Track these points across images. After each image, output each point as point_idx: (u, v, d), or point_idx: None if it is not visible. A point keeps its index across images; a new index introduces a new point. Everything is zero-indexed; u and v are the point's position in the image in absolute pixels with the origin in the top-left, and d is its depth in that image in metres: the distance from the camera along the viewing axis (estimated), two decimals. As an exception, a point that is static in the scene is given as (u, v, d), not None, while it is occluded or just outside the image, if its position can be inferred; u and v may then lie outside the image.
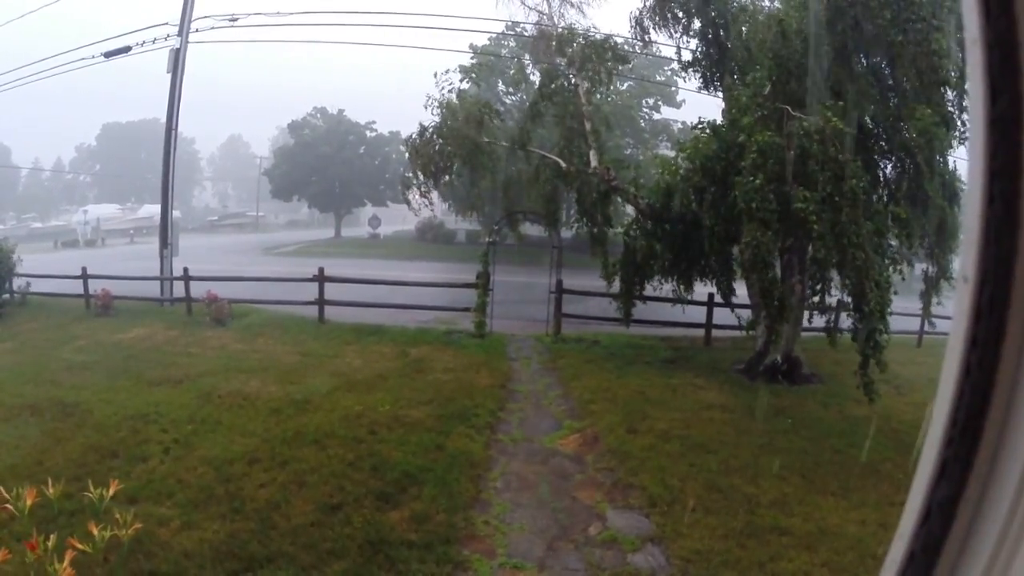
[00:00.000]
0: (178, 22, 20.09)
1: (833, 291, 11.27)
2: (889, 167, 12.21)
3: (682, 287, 13.92)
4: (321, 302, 16.88)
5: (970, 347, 0.90)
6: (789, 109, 10.55)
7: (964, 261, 0.90)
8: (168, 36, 20.14)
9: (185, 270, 18.16)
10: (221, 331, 15.52)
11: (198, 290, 17.59)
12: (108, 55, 21.20)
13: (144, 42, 20.63)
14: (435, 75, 19.59)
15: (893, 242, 11.11)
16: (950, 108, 11.28)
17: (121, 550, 4.82)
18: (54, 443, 8.05)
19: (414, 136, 17.76)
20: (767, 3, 14.24)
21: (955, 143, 11.39)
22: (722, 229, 11.76)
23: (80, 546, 4.17)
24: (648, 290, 14.40)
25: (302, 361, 12.76)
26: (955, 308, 0.94)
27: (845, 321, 11.69)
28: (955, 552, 0.94)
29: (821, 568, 5.75)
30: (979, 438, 0.90)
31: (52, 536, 4.25)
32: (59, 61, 22.01)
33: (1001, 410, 0.89)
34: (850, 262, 9.98)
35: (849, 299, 10.53)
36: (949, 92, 11.14)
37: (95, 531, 4.37)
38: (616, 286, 14.38)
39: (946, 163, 11.53)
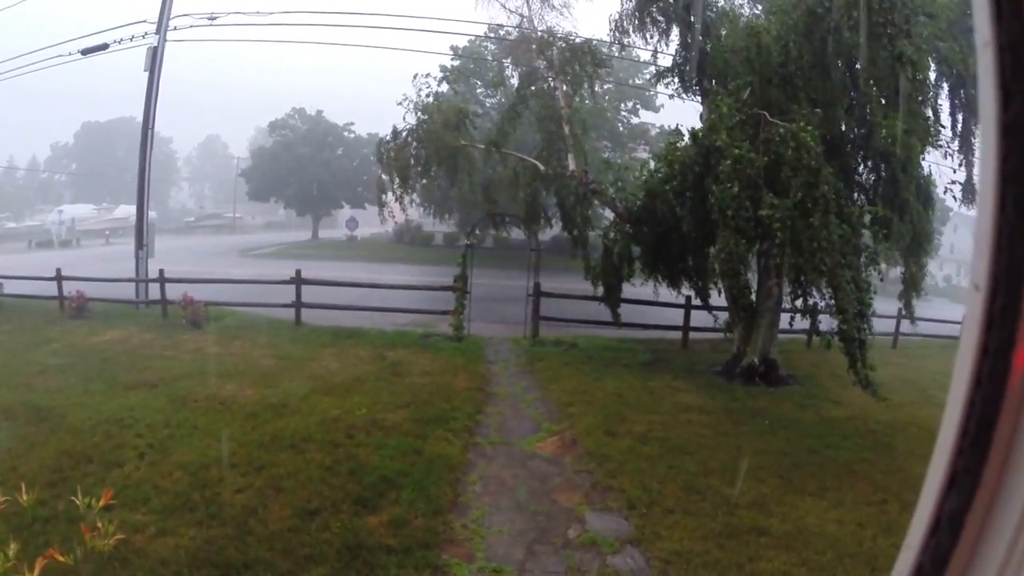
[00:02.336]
0: (156, 20, 19.85)
1: (813, 293, 11.35)
2: (865, 172, 12.33)
3: (670, 288, 14.02)
4: (298, 305, 16.74)
5: (981, 356, 0.88)
6: (767, 115, 10.62)
7: (975, 268, 0.89)
8: (146, 34, 19.88)
9: (161, 272, 17.92)
10: (197, 334, 15.33)
11: (174, 292, 17.32)
12: (85, 52, 20.89)
13: (122, 40, 20.36)
14: (414, 77, 19.60)
15: (870, 243, 11.20)
16: (924, 117, 11.43)
17: (99, 559, 4.73)
18: (27, 448, 7.87)
19: (386, 139, 17.67)
20: (746, 11, 14.36)
21: (929, 149, 11.55)
22: (699, 233, 11.83)
23: (62, 558, 4.06)
24: (627, 292, 14.47)
25: (279, 364, 12.62)
26: (966, 316, 0.92)
27: (827, 323, 11.79)
28: (963, 564, 0.93)
29: (800, 568, 5.80)
30: (989, 449, 0.89)
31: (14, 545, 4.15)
32: (35, 58, 21.63)
33: (1011, 420, 0.87)
34: (817, 267, 10.08)
35: (831, 301, 10.62)
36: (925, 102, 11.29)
37: (76, 541, 4.27)
38: (600, 289, 14.45)
39: (920, 168, 11.68)
